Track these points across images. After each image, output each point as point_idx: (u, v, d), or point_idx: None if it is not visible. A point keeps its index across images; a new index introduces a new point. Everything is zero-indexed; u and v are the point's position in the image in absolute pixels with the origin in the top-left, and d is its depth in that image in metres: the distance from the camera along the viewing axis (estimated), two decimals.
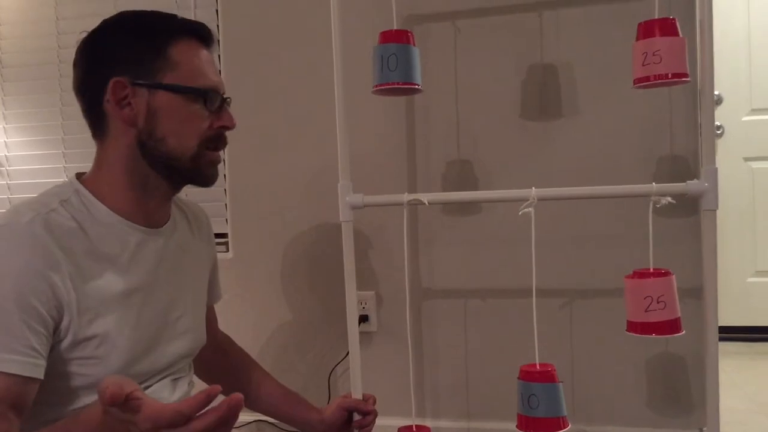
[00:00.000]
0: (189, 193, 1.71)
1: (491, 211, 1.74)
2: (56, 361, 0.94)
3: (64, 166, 2.04)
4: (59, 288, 0.92)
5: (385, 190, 1.48)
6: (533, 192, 1.25)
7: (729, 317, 2.88)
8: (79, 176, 1.05)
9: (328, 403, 1.42)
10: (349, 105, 1.39)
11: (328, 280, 1.76)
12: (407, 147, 1.77)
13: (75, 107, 1.07)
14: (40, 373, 0.90)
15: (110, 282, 0.99)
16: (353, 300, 1.41)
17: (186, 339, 1.13)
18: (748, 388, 2.19)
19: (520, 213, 1.25)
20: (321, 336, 1.86)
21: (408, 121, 1.77)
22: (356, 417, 1.34)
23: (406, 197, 1.34)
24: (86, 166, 1.07)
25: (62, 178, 2.02)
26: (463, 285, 1.77)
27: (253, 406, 1.36)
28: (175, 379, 1.12)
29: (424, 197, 1.34)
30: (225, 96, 1.09)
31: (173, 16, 1.06)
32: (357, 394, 1.38)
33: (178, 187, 1.10)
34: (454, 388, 1.80)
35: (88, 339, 0.95)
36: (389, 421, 1.41)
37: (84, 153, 1.99)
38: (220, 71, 1.09)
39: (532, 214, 1.24)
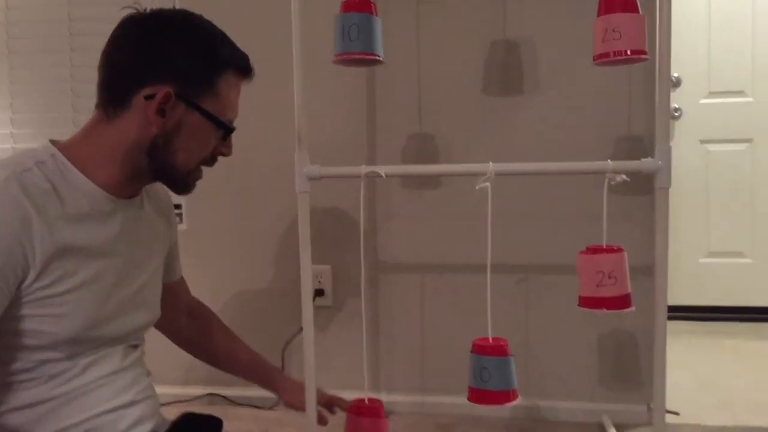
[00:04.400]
0: None
1: (450, 186, 1.73)
2: (17, 317, 0.95)
3: None
4: (28, 247, 0.93)
5: (345, 163, 1.46)
6: (491, 167, 1.25)
7: (681, 297, 2.95)
8: (54, 143, 1.05)
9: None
10: (309, 76, 1.37)
11: (285, 253, 1.75)
12: (367, 120, 1.76)
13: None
14: None
15: (80, 244, 1.00)
16: (308, 273, 1.39)
17: (145, 311, 1.16)
18: (696, 365, 2.25)
19: (477, 188, 1.24)
20: (276, 309, 1.85)
21: (369, 94, 1.75)
22: None
23: (363, 169, 1.32)
24: None
25: None
26: (420, 260, 1.77)
27: (223, 368, 1.39)
28: (129, 347, 1.12)
29: (382, 170, 1.33)
30: None
31: (228, 42, 1.08)
32: (309, 367, 1.37)
33: (157, 181, 1.14)
34: (409, 362, 1.81)
35: (53, 297, 0.96)
36: (343, 395, 1.41)
37: None
38: None
39: (489, 189, 1.24)
